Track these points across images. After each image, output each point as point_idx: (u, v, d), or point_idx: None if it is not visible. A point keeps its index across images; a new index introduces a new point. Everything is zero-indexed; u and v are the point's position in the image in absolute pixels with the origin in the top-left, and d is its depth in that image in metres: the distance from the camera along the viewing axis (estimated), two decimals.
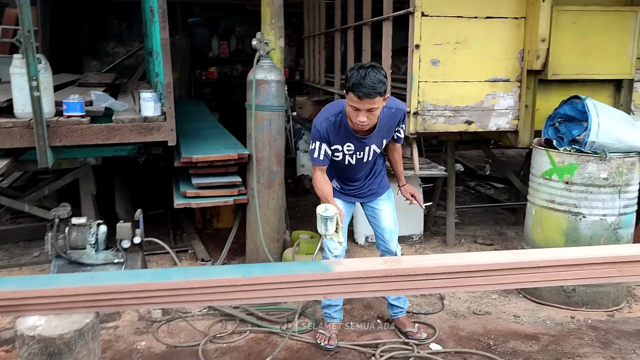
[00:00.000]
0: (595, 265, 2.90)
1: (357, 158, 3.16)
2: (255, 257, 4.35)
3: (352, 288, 2.76)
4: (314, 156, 3.09)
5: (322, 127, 3.03)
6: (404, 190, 3.46)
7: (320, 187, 3.10)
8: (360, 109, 2.80)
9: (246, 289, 2.67)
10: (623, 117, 3.80)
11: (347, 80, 2.79)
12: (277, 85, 4.12)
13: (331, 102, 3.27)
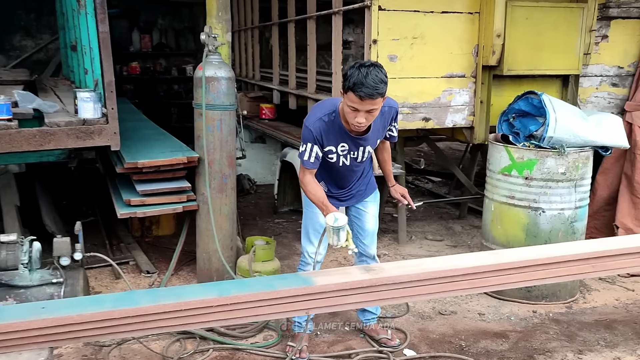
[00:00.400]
0: (571, 263, 2.90)
1: (352, 158, 2.99)
2: (207, 266, 4.06)
3: (336, 301, 2.59)
4: (303, 158, 2.89)
5: (315, 128, 2.83)
6: (394, 190, 3.33)
7: (314, 192, 2.90)
8: (360, 110, 2.63)
9: (223, 309, 2.42)
10: (576, 112, 3.86)
11: (346, 79, 2.62)
12: (227, 83, 3.85)
13: (322, 101, 3.07)
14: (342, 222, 2.69)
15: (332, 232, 2.70)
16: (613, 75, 4.46)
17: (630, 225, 4.48)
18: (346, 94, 2.63)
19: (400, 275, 2.65)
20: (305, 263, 3.29)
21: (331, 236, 2.72)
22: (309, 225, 3.25)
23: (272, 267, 4.09)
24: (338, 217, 2.70)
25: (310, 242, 3.25)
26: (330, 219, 2.70)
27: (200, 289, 2.50)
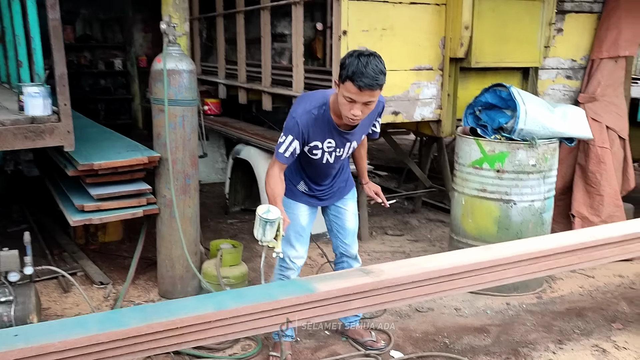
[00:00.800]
0: (560, 255, 2.90)
1: (336, 156, 2.83)
2: (170, 274, 3.77)
3: (339, 307, 2.43)
4: (279, 150, 2.68)
5: (302, 121, 2.64)
6: (367, 188, 3.19)
7: (273, 186, 2.70)
8: (357, 102, 2.46)
9: (221, 324, 2.21)
10: (543, 104, 3.90)
11: (343, 67, 2.45)
12: (189, 76, 3.57)
13: (309, 93, 2.87)
14: (273, 215, 2.50)
15: (259, 223, 2.52)
16: (567, 68, 4.57)
17: (586, 214, 4.61)
18: (343, 84, 2.47)
19: (402, 277, 2.54)
20: (286, 268, 3.11)
21: (257, 228, 2.54)
22: (289, 228, 3.05)
23: (240, 272, 3.88)
24: (271, 210, 2.51)
25: (292, 246, 3.06)
26: (261, 209, 2.51)
27: (194, 303, 2.26)
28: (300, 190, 3.00)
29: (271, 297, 2.30)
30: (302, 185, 2.99)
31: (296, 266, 3.08)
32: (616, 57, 4.53)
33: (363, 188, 3.23)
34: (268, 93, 4.93)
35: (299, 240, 3.05)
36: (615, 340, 3.40)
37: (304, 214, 3.04)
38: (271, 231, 2.52)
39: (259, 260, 4.45)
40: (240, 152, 5.13)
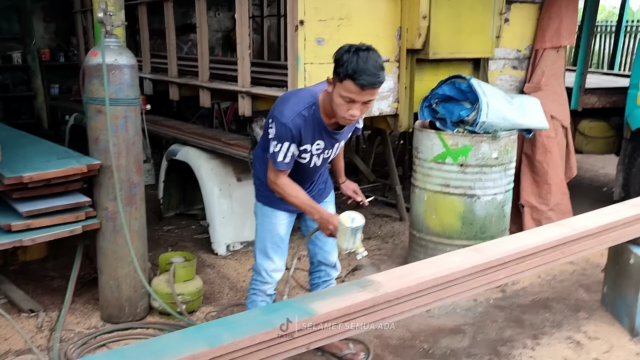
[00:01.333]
0: (547, 251, 2.83)
1: (324, 158, 2.60)
2: (116, 295, 3.35)
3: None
4: (277, 160, 2.42)
5: (294, 125, 2.37)
6: (345, 187, 2.95)
7: (296, 194, 2.49)
8: (357, 101, 2.24)
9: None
10: (502, 95, 3.84)
11: (340, 65, 2.21)
12: (131, 72, 3.16)
13: (293, 91, 2.58)
14: (359, 222, 2.37)
15: (349, 234, 2.36)
16: (513, 59, 4.56)
17: (534, 203, 4.65)
18: (341, 83, 2.23)
19: (402, 289, 2.33)
20: (262, 282, 2.82)
21: (347, 239, 2.38)
22: (266, 239, 2.77)
23: (196, 287, 3.54)
24: (354, 217, 2.37)
25: (269, 259, 2.78)
26: (346, 220, 2.35)
27: (180, 339, 1.92)
28: (277, 197, 2.72)
29: (269, 324, 2.01)
30: None
31: (273, 280, 2.81)
32: (558, 46, 4.59)
33: (340, 188, 3.00)
34: (207, 88, 4.55)
35: (277, 252, 2.78)
36: (585, 331, 3.41)
37: (283, 222, 2.76)
38: (359, 235, 2.39)
39: (210, 272, 4.15)
40: (177, 154, 4.71)
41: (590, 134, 5.62)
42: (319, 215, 2.43)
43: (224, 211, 4.40)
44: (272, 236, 2.75)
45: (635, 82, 4.97)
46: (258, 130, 3.88)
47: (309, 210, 2.46)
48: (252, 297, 2.87)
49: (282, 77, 3.83)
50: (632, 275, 3.32)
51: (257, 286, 2.83)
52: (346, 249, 2.38)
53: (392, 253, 4.59)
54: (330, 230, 2.42)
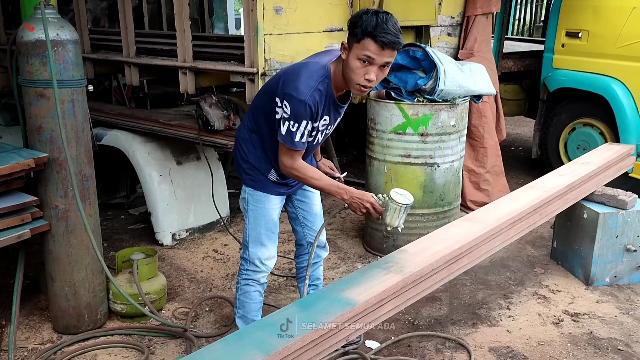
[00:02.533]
0: (529, 215, 2.91)
1: (326, 133, 2.46)
2: (74, 304, 2.96)
3: (374, 316, 2.10)
4: (295, 139, 2.24)
5: (313, 101, 2.20)
6: (322, 164, 2.81)
7: (319, 177, 2.35)
8: (375, 63, 2.12)
9: None
10: (454, 62, 3.86)
11: (358, 25, 2.09)
12: (75, 49, 2.74)
13: (301, 64, 2.32)
14: (410, 198, 2.29)
15: (402, 211, 2.27)
16: (448, 25, 4.61)
17: (472, 166, 4.80)
18: (359, 43, 2.10)
19: (425, 267, 2.27)
20: (255, 271, 2.64)
21: (399, 216, 2.28)
22: (260, 226, 2.57)
23: (160, 285, 3.26)
24: (403, 193, 2.28)
25: (263, 246, 2.59)
26: (397, 195, 2.26)
27: (228, 350, 1.71)
28: (271, 181, 2.54)
29: (316, 321, 1.86)
30: (272, 175, 2.53)
31: (267, 268, 2.64)
32: (488, 13, 4.70)
33: (317, 165, 2.86)
34: (134, 64, 4.12)
35: (270, 238, 2.60)
36: (547, 285, 3.60)
37: (276, 207, 2.58)
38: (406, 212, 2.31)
39: (161, 265, 3.82)
40: (103, 138, 4.25)
41: (505, 96, 5.88)
42: (349, 195, 2.29)
43: (166, 198, 4.07)
44: (267, 222, 2.57)
45: (550, 46, 5.25)
46: (207, 108, 3.61)
47: (335, 190, 2.31)
48: (245, 287, 2.68)
49: (230, 50, 3.55)
50: (587, 229, 3.53)
51: (250, 275, 2.64)
52: (394, 225, 2.29)
53: (343, 226, 4.54)
54: (367, 208, 2.29)
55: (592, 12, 4.87)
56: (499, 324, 3.17)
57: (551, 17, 5.31)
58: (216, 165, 4.38)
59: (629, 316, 3.24)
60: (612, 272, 3.55)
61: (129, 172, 4.74)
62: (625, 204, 3.46)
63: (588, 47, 4.93)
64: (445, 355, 2.90)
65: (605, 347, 2.95)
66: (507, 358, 2.87)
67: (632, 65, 4.60)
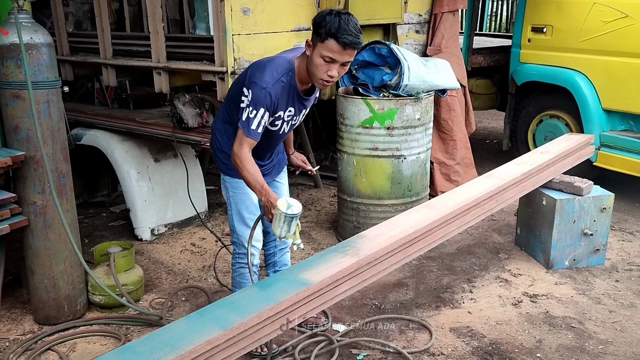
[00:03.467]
0: (485, 201, 3.08)
1: (292, 124, 2.63)
2: (53, 295, 3.10)
3: (329, 295, 2.27)
4: (251, 127, 2.38)
5: (274, 91, 2.37)
6: (294, 158, 2.99)
7: (253, 172, 2.42)
8: (337, 62, 2.29)
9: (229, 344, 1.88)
10: (418, 58, 4.02)
11: (321, 26, 2.25)
12: (49, 51, 2.88)
13: (267, 59, 2.49)
14: (297, 209, 2.31)
15: (283, 220, 2.30)
16: (416, 23, 4.76)
17: (442, 159, 4.97)
18: (322, 43, 2.27)
19: (378, 250, 2.43)
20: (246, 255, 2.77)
21: (280, 225, 2.31)
22: (242, 209, 2.74)
23: (138, 276, 3.40)
24: (292, 203, 2.31)
25: (249, 227, 2.74)
26: (282, 205, 2.29)
27: (191, 326, 1.86)
28: None
29: (270, 300, 2.01)
30: None
31: (256, 249, 2.80)
32: (454, 10, 4.87)
33: (290, 159, 3.02)
34: (111, 66, 4.25)
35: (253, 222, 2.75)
36: (509, 269, 3.77)
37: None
38: (295, 224, 2.31)
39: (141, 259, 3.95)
40: (83, 138, 4.38)
41: (477, 91, 6.06)
42: (265, 198, 2.36)
43: (144, 194, 4.20)
44: (247, 206, 2.73)
45: (517, 41, 5.43)
46: (181, 107, 3.75)
47: (259, 190, 2.39)
48: (240, 270, 2.85)
49: (202, 50, 3.69)
50: (546, 215, 3.71)
51: (243, 259, 2.80)
52: (279, 236, 2.32)
53: (317, 219, 4.69)
54: (273, 214, 2.35)
55: (556, 8, 5.05)
56: (461, 306, 3.34)
57: (517, 13, 5.49)
58: (193, 162, 4.52)
59: (584, 296, 3.42)
60: (570, 255, 3.73)
61: (110, 171, 4.87)
62: (581, 190, 3.64)
63: (552, 41, 5.11)
64: (408, 335, 3.06)
65: (560, 325, 3.12)
66: (467, 337, 3.03)
67: (593, 58, 4.78)
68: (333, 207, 4.87)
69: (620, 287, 3.51)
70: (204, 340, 1.77)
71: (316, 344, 2.93)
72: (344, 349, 2.93)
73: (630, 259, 3.86)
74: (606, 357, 2.83)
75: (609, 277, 3.63)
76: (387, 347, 2.93)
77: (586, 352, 2.88)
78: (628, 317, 3.19)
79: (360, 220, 4.04)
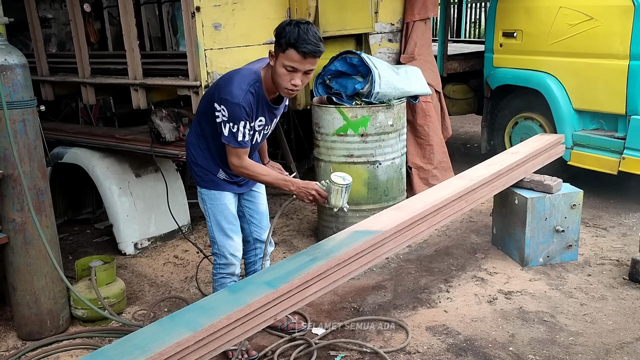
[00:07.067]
0: (454, 202, 3.17)
1: (263, 134, 2.71)
2: (35, 311, 3.15)
3: (298, 297, 2.34)
4: (238, 139, 2.49)
5: (246, 102, 2.46)
6: (270, 167, 3.05)
7: (267, 172, 2.61)
8: (299, 70, 2.38)
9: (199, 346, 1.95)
10: (388, 66, 4.13)
11: (282, 36, 2.34)
12: (23, 72, 2.96)
13: (233, 72, 2.59)
14: (350, 178, 2.58)
15: (344, 191, 2.56)
16: (388, 32, 4.88)
17: (420, 163, 5.06)
18: (284, 53, 2.36)
19: (347, 252, 2.51)
20: (227, 265, 2.86)
21: (341, 197, 2.58)
22: (221, 221, 2.81)
23: (119, 289, 3.45)
24: (342, 175, 2.57)
25: (229, 238, 2.83)
26: (337, 177, 2.55)
27: (160, 329, 1.93)
28: (221, 179, 2.79)
29: (240, 302, 2.09)
30: (221, 174, 2.79)
31: (237, 259, 2.87)
32: (426, 18, 4.99)
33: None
34: (90, 84, 4.33)
35: (234, 230, 2.85)
36: (486, 268, 3.85)
37: (231, 201, 2.86)
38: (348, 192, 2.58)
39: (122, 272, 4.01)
40: (64, 156, 4.45)
41: (454, 96, 6.19)
42: (295, 186, 2.55)
43: (126, 209, 4.27)
44: (226, 216, 2.80)
45: (489, 46, 5.56)
46: (158, 122, 3.83)
47: (283, 184, 2.57)
48: (221, 280, 2.91)
49: (177, 65, 3.78)
50: (519, 214, 3.80)
51: (224, 269, 2.87)
52: (339, 206, 2.56)
53: (299, 227, 4.77)
54: (313, 195, 2.55)
55: (525, 13, 5.18)
56: (437, 306, 3.42)
57: (488, 18, 5.63)
58: (174, 176, 4.59)
59: (557, 291, 3.51)
60: (544, 252, 3.82)
61: (94, 188, 4.93)
62: (551, 188, 3.74)
63: (523, 45, 5.23)
64: (386, 335, 3.13)
65: (532, 319, 3.20)
66: (442, 334, 3.11)
67: (562, 60, 4.91)
68: (315, 215, 4.94)
69: (592, 281, 3.60)
70: (174, 343, 1.84)
71: (295, 348, 3.00)
72: (322, 351, 3.00)
73: (603, 254, 3.96)
74: (576, 348, 2.91)
75: (582, 272, 3.72)
76: (365, 347, 3.00)
77: (557, 344, 2.96)
78: (599, 309, 3.27)
79: (340, 226, 4.11)
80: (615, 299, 3.37)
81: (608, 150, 4.66)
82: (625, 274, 3.62)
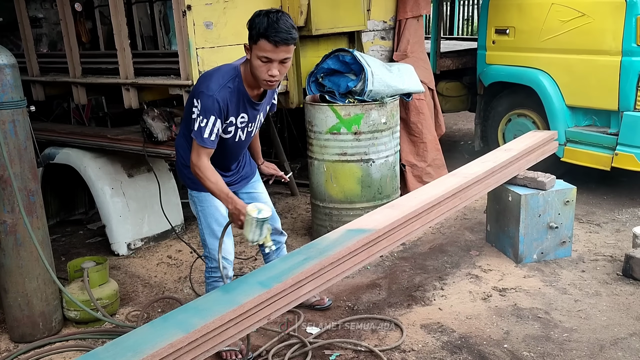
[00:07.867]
0: (448, 199, 3.16)
1: (247, 132, 2.67)
2: (27, 313, 3.13)
3: (292, 297, 2.33)
4: (203, 136, 2.42)
5: (222, 97, 2.42)
6: (265, 167, 3.04)
7: (215, 181, 2.47)
8: (274, 60, 2.34)
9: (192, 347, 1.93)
10: (382, 64, 4.12)
11: (253, 28, 2.33)
12: (13, 72, 2.93)
13: (214, 68, 2.58)
14: (267, 213, 2.38)
15: (255, 225, 2.37)
16: (381, 30, 4.87)
17: (414, 161, 5.05)
18: (256, 44, 2.35)
19: (341, 250, 2.50)
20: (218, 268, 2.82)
21: (253, 230, 2.38)
22: (212, 223, 2.79)
23: (112, 290, 3.43)
24: (261, 208, 2.39)
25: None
26: (252, 210, 2.36)
27: (152, 331, 1.91)
28: None
29: (233, 302, 2.07)
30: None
31: (229, 262, 2.85)
32: (418, 16, 4.98)
33: (260, 168, 3.09)
34: (81, 84, 4.30)
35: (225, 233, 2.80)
36: (480, 266, 3.85)
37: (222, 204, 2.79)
38: (266, 227, 2.40)
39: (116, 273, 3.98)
40: (56, 157, 4.42)
41: (448, 94, 6.18)
42: (232, 206, 2.41)
43: (119, 210, 4.24)
44: (217, 218, 2.78)
45: (482, 43, 5.56)
46: (150, 121, 3.80)
47: (224, 198, 2.44)
48: (213, 284, 2.89)
49: (169, 65, 3.76)
50: (512, 211, 3.80)
51: (216, 272, 2.84)
52: (252, 240, 2.38)
53: (294, 226, 4.75)
54: (242, 220, 2.40)
55: (517, 10, 5.19)
56: (432, 304, 3.41)
57: (481, 15, 5.63)
58: (167, 175, 4.56)
59: (551, 287, 3.51)
60: (538, 249, 3.82)
61: (87, 189, 4.90)
62: (544, 184, 3.74)
63: (515, 42, 5.23)
64: (380, 334, 3.12)
65: (527, 316, 3.20)
66: (437, 332, 3.10)
67: (554, 57, 4.91)
68: (309, 214, 4.93)
69: (586, 277, 3.60)
70: (167, 344, 1.83)
71: (289, 347, 2.99)
72: (317, 350, 2.98)
73: (597, 250, 3.97)
74: (570, 344, 2.92)
75: (576, 268, 3.73)
76: (360, 346, 2.99)
77: (551, 340, 2.96)
78: (593, 305, 3.28)
79: (334, 224, 4.10)
80: (609, 294, 3.38)
81: (601, 146, 4.66)
82: (618, 270, 3.63)
